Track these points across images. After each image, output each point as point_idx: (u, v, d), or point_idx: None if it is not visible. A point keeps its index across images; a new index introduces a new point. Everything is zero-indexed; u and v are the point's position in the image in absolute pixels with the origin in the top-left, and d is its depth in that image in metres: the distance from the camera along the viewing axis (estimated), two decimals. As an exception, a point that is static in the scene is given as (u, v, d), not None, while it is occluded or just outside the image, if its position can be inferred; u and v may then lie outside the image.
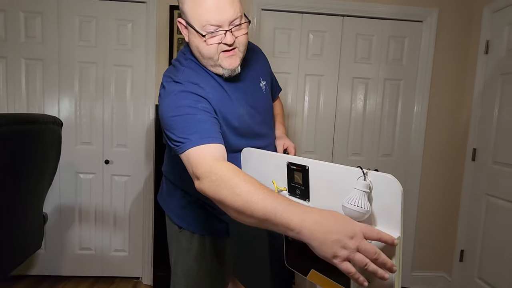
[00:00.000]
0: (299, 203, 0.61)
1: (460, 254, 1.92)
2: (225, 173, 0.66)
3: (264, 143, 1.00)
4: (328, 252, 0.52)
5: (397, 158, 2.01)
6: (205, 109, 0.80)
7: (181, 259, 1.01)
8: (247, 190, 0.62)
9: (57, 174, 1.96)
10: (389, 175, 0.56)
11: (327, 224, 0.53)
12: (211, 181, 0.66)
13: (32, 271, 2.00)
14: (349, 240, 0.51)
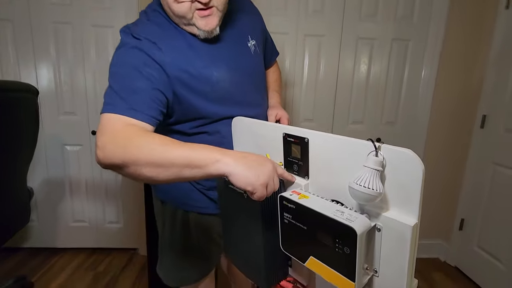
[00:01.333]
0: (239, 151, 0.62)
1: (460, 223, 1.89)
2: (132, 135, 0.61)
3: (252, 112, 0.89)
4: (251, 180, 0.56)
5: (401, 126, 1.90)
6: (149, 77, 0.69)
7: (166, 233, 0.98)
8: (161, 143, 0.60)
9: (43, 147, 1.87)
10: (407, 150, 0.46)
11: (249, 157, 0.59)
12: (116, 146, 0.59)
13: (27, 243, 1.98)
14: (270, 171, 0.59)
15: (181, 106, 0.78)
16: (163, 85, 0.72)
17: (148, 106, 0.69)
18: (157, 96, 0.71)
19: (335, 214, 0.51)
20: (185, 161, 0.57)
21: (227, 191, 0.74)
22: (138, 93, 0.69)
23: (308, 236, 0.57)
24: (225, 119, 0.88)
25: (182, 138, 0.77)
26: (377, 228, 0.51)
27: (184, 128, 0.84)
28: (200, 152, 0.58)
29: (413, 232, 0.46)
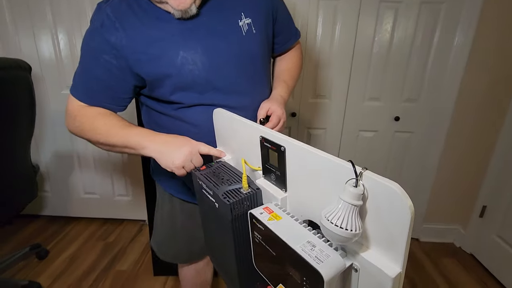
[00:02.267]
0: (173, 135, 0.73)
1: (482, 210, 1.75)
2: (85, 121, 0.73)
3: (236, 101, 0.78)
4: (168, 164, 0.68)
5: (424, 103, 1.70)
6: (106, 65, 0.71)
7: (159, 210, 1.02)
8: (106, 130, 0.72)
9: (50, 122, 1.87)
10: (394, 185, 0.35)
11: (170, 143, 0.69)
12: (74, 125, 0.76)
13: (44, 211, 2.08)
14: (185, 155, 0.67)
15: (149, 87, 0.77)
16: (122, 71, 0.72)
17: (104, 95, 0.75)
18: (114, 84, 0.74)
19: (304, 248, 0.43)
20: (123, 145, 0.71)
21: (202, 195, 0.67)
22: (95, 80, 0.73)
23: (277, 263, 0.50)
24: (201, 106, 0.78)
25: (164, 118, 0.81)
26: (353, 268, 0.42)
27: (166, 109, 0.80)
28: (133, 139, 0.71)
29: (394, 284, 0.37)
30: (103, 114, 0.74)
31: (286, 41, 0.95)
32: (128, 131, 0.72)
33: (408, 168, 1.85)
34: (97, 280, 1.59)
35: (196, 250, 1.03)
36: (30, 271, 1.62)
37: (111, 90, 0.74)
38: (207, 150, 0.70)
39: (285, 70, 0.96)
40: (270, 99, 0.86)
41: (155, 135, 0.72)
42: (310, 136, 1.81)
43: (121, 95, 0.76)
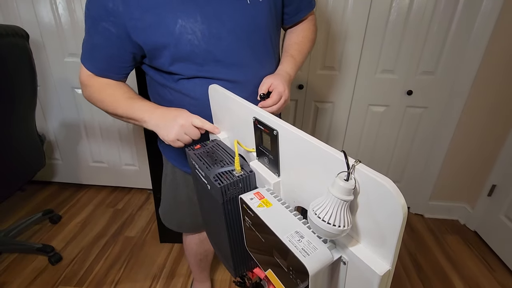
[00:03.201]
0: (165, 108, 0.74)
1: (491, 189, 1.71)
2: (94, 91, 0.77)
3: (236, 74, 0.75)
4: (164, 136, 0.70)
5: (442, 76, 1.59)
6: (105, 33, 0.70)
7: (163, 180, 1.04)
8: (111, 101, 0.76)
9: (54, 91, 1.86)
10: (388, 183, 0.32)
11: (166, 116, 0.71)
12: (86, 93, 0.79)
13: (55, 178, 2.15)
14: (179, 127, 0.68)
15: (149, 57, 0.75)
16: (120, 39, 0.70)
17: (106, 64, 0.76)
18: (115, 52, 0.73)
19: (291, 239, 0.41)
20: (128, 117, 0.75)
21: (195, 174, 0.66)
22: (96, 49, 0.74)
23: (266, 249, 0.49)
24: (200, 79, 0.76)
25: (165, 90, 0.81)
26: (342, 261, 0.41)
27: (167, 81, 0.79)
28: (136, 113, 0.74)
29: (382, 281, 0.35)
30: (110, 85, 0.77)
31: (296, 12, 0.87)
32: (131, 105, 0.74)
33: (418, 145, 1.79)
34: (107, 245, 1.67)
35: (199, 222, 1.04)
36: (44, 235, 1.71)
37: (111, 58, 0.74)
38: (200, 124, 0.68)
39: (294, 44, 0.89)
40: (274, 74, 0.81)
41: (155, 109, 0.73)
42: (318, 110, 1.75)
43: (122, 64, 0.76)
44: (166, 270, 1.53)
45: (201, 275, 1.32)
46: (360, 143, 1.81)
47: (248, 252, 0.63)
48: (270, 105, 0.75)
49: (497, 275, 1.55)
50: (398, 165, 1.86)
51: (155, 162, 1.48)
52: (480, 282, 1.51)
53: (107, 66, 0.76)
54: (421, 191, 1.90)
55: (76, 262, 1.55)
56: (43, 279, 1.44)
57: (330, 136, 1.82)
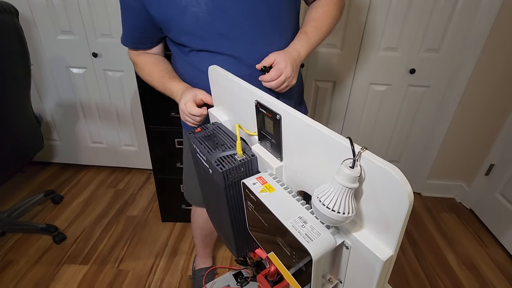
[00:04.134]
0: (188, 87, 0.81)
1: (488, 168, 1.72)
2: (138, 70, 0.91)
3: (244, 51, 0.76)
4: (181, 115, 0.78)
5: (446, 54, 1.56)
6: (128, 7, 0.79)
7: (183, 151, 1.09)
8: (150, 81, 0.88)
9: (48, 70, 1.81)
10: (394, 171, 0.31)
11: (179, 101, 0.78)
12: (138, 74, 0.92)
13: (55, 159, 2.15)
14: (182, 113, 0.77)
15: (163, 29, 0.80)
16: (140, 11, 0.76)
17: (133, 36, 0.85)
18: (138, 24, 0.81)
19: (295, 224, 0.41)
20: (163, 91, 0.86)
21: (196, 158, 0.65)
22: (125, 23, 0.84)
23: (268, 233, 0.49)
24: (206, 52, 0.77)
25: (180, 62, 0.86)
26: (345, 246, 0.41)
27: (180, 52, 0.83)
28: (167, 91, 0.84)
29: (384, 266, 0.36)
30: (148, 64, 0.88)
31: None
32: (163, 86, 0.84)
33: (419, 125, 1.78)
34: (110, 224, 1.70)
35: None
36: (47, 215, 1.73)
37: (136, 30, 0.83)
38: (190, 107, 0.74)
39: (311, 20, 0.82)
40: (282, 50, 0.77)
41: (177, 91, 0.80)
42: (318, 89, 1.72)
43: (146, 35, 0.84)
44: (169, 248, 1.57)
45: (204, 251, 1.35)
46: (361, 123, 1.80)
47: (250, 234, 0.64)
48: (267, 80, 0.73)
49: (490, 251, 1.60)
50: (398, 145, 1.86)
51: (155, 143, 1.47)
52: (472, 257, 1.56)
53: (135, 39, 0.85)
54: (419, 170, 1.91)
55: (80, 241, 1.58)
56: (49, 258, 1.48)
57: (331, 116, 1.80)
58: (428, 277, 1.45)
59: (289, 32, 0.82)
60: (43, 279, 1.38)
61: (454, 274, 1.47)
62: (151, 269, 1.45)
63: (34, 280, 1.37)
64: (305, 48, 0.78)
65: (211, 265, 1.39)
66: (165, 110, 1.39)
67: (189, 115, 0.74)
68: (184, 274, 1.43)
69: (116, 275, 1.41)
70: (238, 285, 0.93)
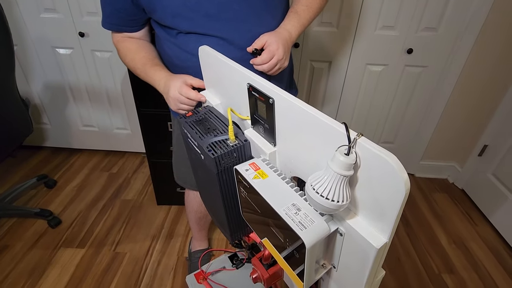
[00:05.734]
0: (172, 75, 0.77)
1: (482, 149, 1.74)
2: (120, 56, 0.87)
3: (233, 33, 0.73)
4: (169, 104, 0.76)
5: (444, 32, 1.52)
6: None
7: (172, 135, 1.07)
8: (133, 67, 0.84)
9: (33, 50, 1.74)
10: (391, 159, 0.30)
11: (165, 90, 0.76)
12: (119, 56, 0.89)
13: (46, 143, 2.11)
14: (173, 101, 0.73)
15: (147, 10, 0.76)
16: None
17: (116, 18, 0.80)
18: (120, 6, 0.76)
19: (288, 212, 0.41)
20: (145, 79, 0.83)
21: (188, 143, 0.63)
22: (106, 6, 0.79)
23: (262, 219, 0.49)
24: (195, 34, 0.74)
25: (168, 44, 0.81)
26: (339, 232, 0.41)
27: (168, 35, 0.79)
28: (149, 81, 0.81)
29: (378, 254, 0.36)
30: (131, 50, 0.84)
31: None
32: (145, 72, 0.81)
33: (414, 106, 1.77)
34: (105, 208, 1.70)
35: None
36: (41, 200, 1.72)
37: (119, 12, 0.78)
38: (185, 91, 0.70)
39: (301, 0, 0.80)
40: (273, 31, 0.75)
41: (160, 79, 0.77)
42: (314, 70, 1.68)
43: (129, 17, 0.79)
44: (165, 230, 1.58)
45: (199, 233, 1.37)
46: (356, 104, 1.78)
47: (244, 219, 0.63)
48: (258, 63, 0.71)
49: (479, 229, 1.64)
50: (393, 126, 1.86)
51: (147, 126, 1.44)
52: (462, 235, 1.60)
53: (118, 21, 0.80)
54: (413, 151, 1.92)
55: (75, 224, 1.58)
56: (45, 242, 1.48)
57: (326, 97, 1.77)
58: (419, 255, 1.49)
59: (279, 12, 0.79)
60: (40, 263, 1.39)
61: (445, 252, 1.51)
62: (147, 251, 1.46)
63: (31, 264, 1.38)
64: (297, 28, 0.76)
65: (207, 247, 1.41)
66: (156, 92, 1.35)
67: (187, 100, 0.71)
68: (181, 256, 1.45)
69: (113, 258, 1.42)
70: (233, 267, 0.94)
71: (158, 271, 1.37)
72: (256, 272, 0.65)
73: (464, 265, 1.45)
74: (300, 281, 0.44)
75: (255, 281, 0.66)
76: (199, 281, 0.92)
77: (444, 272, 1.42)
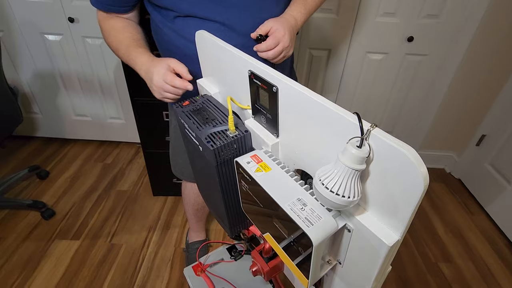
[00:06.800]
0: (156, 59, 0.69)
1: (480, 139, 1.73)
2: (104, 35, 0.80)
3: (235, 18, 0.68)
4: (153, 92, 0.71)
5: (446, 20, 1.48)
6: None
7: (169, 125, 1.03)
8: (115, 47, 0.77)
9: (20, 36, 1.67)
10: (408, 151, 0.28)
11: (147, 76, 0.70)
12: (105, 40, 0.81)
13: (37, 133, 2.05)
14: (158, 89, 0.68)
15: None
16: None
17: None
18: None
19: (293, 207, 0.38)
20: (127, 62, 0.76)
21: (185, 134, 0.60)
22: None
23: (264, 214, 0.46)
24: (193, 18, 0.69)
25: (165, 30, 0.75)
26: (346, 229, 0.39)
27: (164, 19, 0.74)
28: (131, 62, 0.74)
29: (389, 252, 0.34)
30: (116, 29, 0.77)
31: None
32: (127, 54, 0.74)
33: (414, 95, 1.74)
34: (100, 199, 1.67)
35: None
36: (33, 191, 1.68)
37: None
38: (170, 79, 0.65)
39: None
40: (278, 17, 0.71)
41: (142, 63, 0.70)
42: (312, 58, 1.64)
43: None
44: (161, 221, 1.56)
45: (197, 224, 1.35)
46: (355, 93, 1.75)
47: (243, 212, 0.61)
48: (263, 50, 0.68)
49: (475, 218, 1.65)
50: (392, 115, 1.84)
51: (142, 115, 1.40)
52: (458, 224, 1.61)
53: (107, 1, 0.75)
54: (411, 141, 1.91)
55: (70, 216, 1.56)
56: (39, 234, 1.46)
57: (325, 86, 1.74)
58: (416, 245, 1.50)
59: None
60: (34, 255, 1.36)
61: (441, 241, 1.52)
62: (144, 243, 1.44)
63: (25, 256, 1.36)
64: (303, 14, 0.73)
65: (204, 238, 1.40)
66: (151, 80, 1.30)
67: (172, 89, 0.66)
68: (178, 247, 1.44)
69: (109, 249, 1.40)
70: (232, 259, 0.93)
71: (155, 262, 1.36)
72: (256, 265, 0.63)
73: (460, 254, 1.46)
74: (304, 278, 0.42)
75: (255, 274, 0.64)
76: (197, 273, 0.90)
77: (441, 261, 1.43)
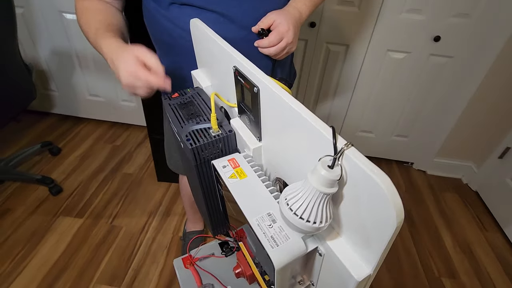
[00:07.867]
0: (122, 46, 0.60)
1: (504, 151, 1.61)
2: (77, 15, 0.70)
3: (230, 8, 0.63)
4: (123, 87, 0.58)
5: (478, 19, 1.35)
6: None
7: (164, 116, 0.96)
8: (85, 30, 0.68)
9: (39, 14, 1.69)
10: (382, 180, 0.24)
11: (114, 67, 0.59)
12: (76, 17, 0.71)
13: (53, 109, 2.11)
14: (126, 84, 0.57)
15: None
16: None
17: None
18: None
19: (261, 223, 0.35)
20: (96, 49, 0.66)
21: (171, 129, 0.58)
22: None
23: (239, 222, 0.43)
24: (190, 7, 0.65)
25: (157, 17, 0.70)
26: (318, 252, 0.35)
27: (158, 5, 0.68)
28: (98, 49, 0.65)
29: (359, 286, 0.30)
30: (89, 10, 0.68)
31: None
32: (95, 38, 0.64)
33: (435, 99, 1.64)
34: (106, 180, 1.70)
35: None
36: (44, 166, 1.74)
37: None
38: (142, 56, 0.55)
39: None
40: (282, 10, 0.66)
41: (110, 52, 0.59)
42: (329, 53, 1.57)
43: None
44: (162, 208, 1.57)
45: (194, 216, 1.35)
46: (371, 93, 1.67)
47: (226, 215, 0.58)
48: (265, 45, 0.63)
49: (488, 235, 1.56)
50: (409, 119, 1.74)
51: (148, 100, 1.39)
52: (469, 239, 1.52)
53: None
54: (428, 147, 1.81)
55: (76, 194, 1.60)
56: (45, 208, 1.50)
57: (340, 83, 1.67)
58: (421, 256, 1.43)
59: None
60: (39, 228, 1.41)
61: (448, 255, 1.44)
62: (143, 227, 1.46)
63: (31, 229, 1.41)
64: (308, 7, 0.68)
65: (202, 228, 1.40)
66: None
67: (145, 86, 0.55)
68: (176, 234, 1.44)
69: (109, 231, 1.43)
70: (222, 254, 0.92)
71: (152, 248, 1.37)
72: (239, 267, 0.61)
73: (467, 271, 1.38)
74: (271, 297, 0.39)
75: (237, 276, 0.62)
76: (186, 266, 0.89)
77: (445, 276, 1.36)
